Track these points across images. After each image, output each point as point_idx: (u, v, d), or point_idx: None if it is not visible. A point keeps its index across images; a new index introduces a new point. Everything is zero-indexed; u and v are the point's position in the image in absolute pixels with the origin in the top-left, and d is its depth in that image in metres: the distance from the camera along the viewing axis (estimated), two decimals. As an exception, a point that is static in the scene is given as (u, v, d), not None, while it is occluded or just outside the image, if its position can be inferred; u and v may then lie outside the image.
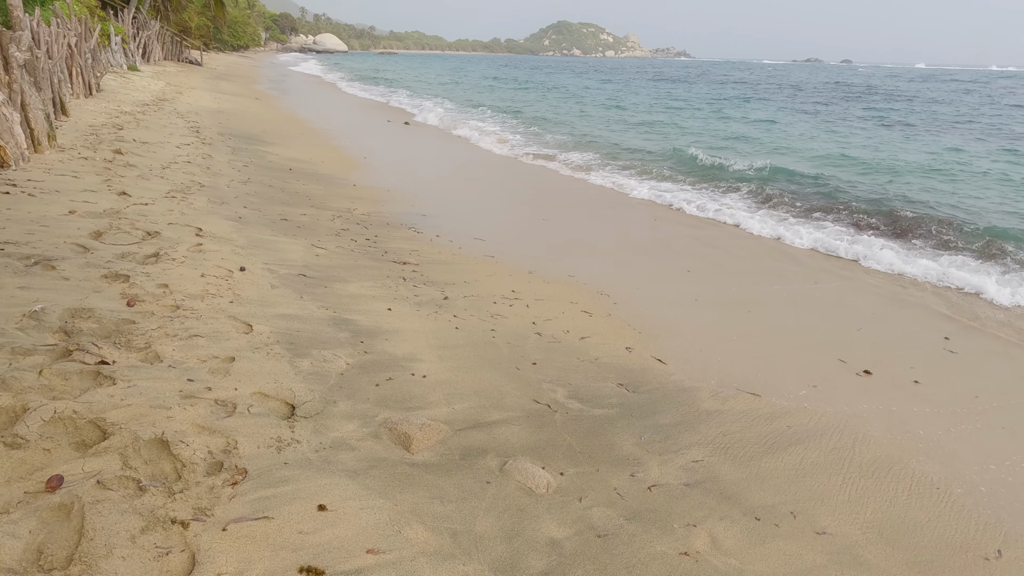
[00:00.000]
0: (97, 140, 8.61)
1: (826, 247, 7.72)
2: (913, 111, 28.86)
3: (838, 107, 30.86)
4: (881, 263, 7.18)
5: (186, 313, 3.67)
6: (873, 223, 8.85)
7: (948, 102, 34.70)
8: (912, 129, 22.04)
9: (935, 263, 7.13)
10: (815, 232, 8.19)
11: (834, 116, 26.25)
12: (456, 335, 4.28)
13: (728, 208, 9.38)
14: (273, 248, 5.47)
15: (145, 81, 19.88)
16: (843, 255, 7.48)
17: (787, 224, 8.70)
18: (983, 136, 19.98)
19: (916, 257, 7.32)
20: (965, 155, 15.64)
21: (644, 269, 6.79)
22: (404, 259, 5.94)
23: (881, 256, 7.30)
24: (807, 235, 8.05)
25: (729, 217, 8.97)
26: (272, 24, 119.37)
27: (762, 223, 8.64)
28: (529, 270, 6.23)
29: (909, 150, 16.81)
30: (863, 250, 7.51)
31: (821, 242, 7.84)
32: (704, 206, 9.49)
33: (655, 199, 10.21)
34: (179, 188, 6.84)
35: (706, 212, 9.24)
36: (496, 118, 21.60)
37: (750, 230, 8.52)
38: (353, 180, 9.82)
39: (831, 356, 4.93)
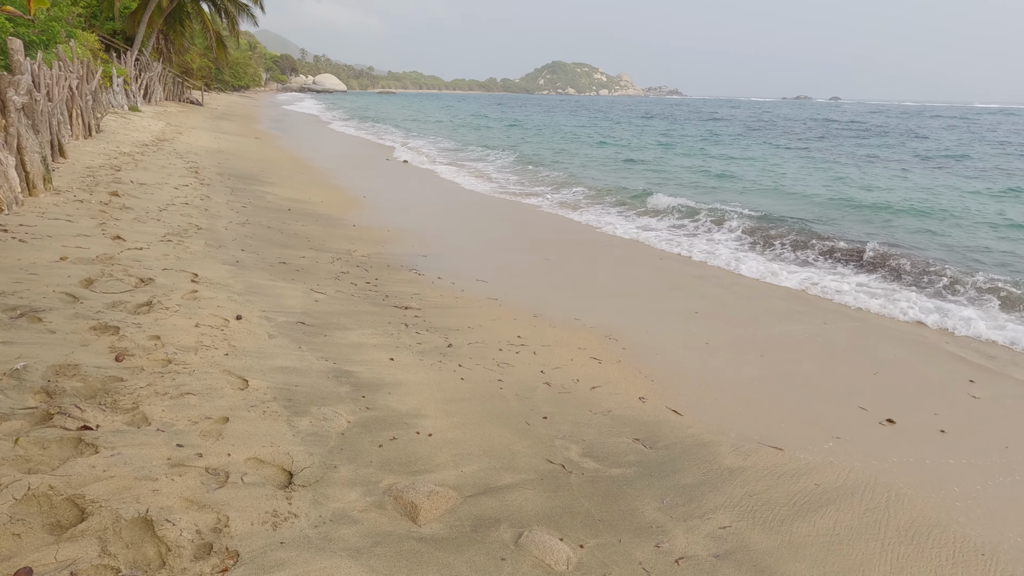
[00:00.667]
0: (94, 182, 8.51)
1: (827, 288, 7.56)
2: (906, 147, 29.25)
3: (828, 143, 31.27)
4: (893, 306, 7.03)
5: (178, 368, 3.47)
6: (872, 263, 8.75)
7: (943, 138, 35.23)
8: (903, 164, 22.27)
9: (940, 303, 6.99)
10: (818, 273, 8.07)
11: (826, 153, 26.56)
12: (462, 387, 4.09)
13: (729, 249, 9.28)
14: (271, 294, 5.30)
15: (145, 121, 20.00)
16: (849, 301, 7.33)
17: (785, 263, 8.59)
18: (979, 173, 20.16)
19: (925, 299, 7.18)
20: (959, 192, 15.70)
21: (650, 311, 6.63)
22: (406, 304, 5.77)
23: (893, 299, 7.16)
24: (811, 276, 7.92)
25: (731, 258, 8.86)
26: (273, 65, 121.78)
27: (763, 264, 8.52)
28: (534, 313, 6.06)
29: (904, 188, 16.90)
30: (869, 297, 7.37)
31: (823, 283, 7.70)
32: (704, 248, 9.39)
33: (652, 239, 10.12)
34: (175, 231, 6.71)
35: (707, 254, 9.13)
36: (491, 156, 21.73)
37: (750, 271, 8.39)
38: (352, 220, 9.72)
39: (851, 403, 4.73)
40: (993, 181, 18.06)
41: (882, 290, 7.47)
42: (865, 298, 7.17)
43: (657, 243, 9.75)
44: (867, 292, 7.37)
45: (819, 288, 7.53)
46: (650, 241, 9.89)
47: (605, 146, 27.71)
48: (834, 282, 7.68)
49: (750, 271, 8.23)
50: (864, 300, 7.10)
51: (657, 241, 9.85)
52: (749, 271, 8.24)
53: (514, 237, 9.93)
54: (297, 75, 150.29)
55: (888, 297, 7.19)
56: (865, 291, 7.41)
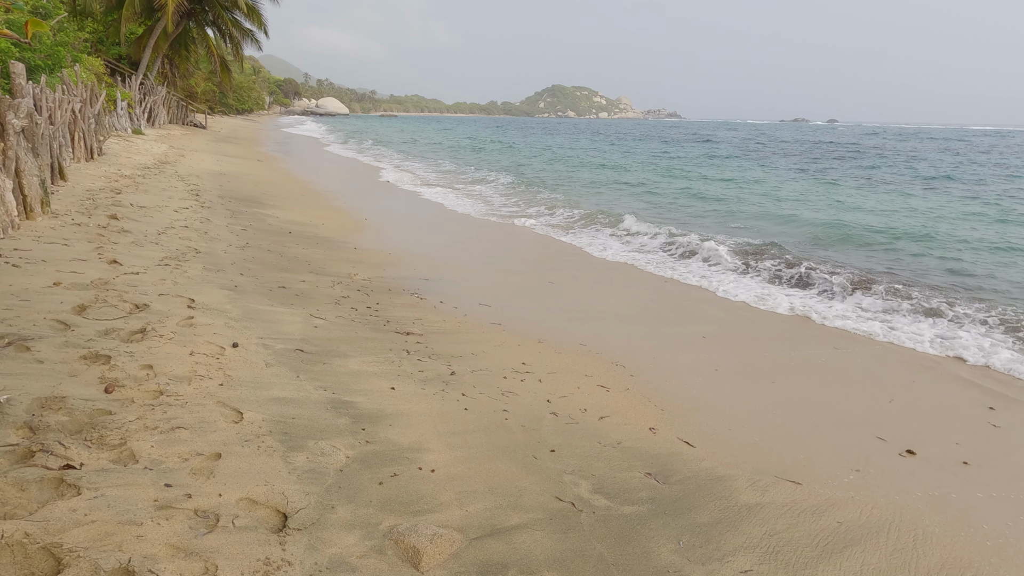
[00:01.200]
0: (93, 205, 8.44)
1: (832, 313, 7.41)
2: (903, 168, 29.31)
3: (824, 164, 31.38)
4: (900, 331, 6.88)
5: (170, 400, 3.33)
6: (875, 287, 8.62)
7: (942, 160, 35.35)
8: (900, 186, 22.26)
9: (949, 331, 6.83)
10: (820, 297, 7.93)
11: (822, 174, 26.61)
12: (465, 418, 3.93)
13: (725, 272, 9.16)
14: (269, 320, 5.16)
15: (148, 144, 20.06)
16: (855, 327, 7.18)
17: (785, 286, 8.46)
18: (978, 194, 20.11)
19: (931, 325, 7.02)
20: (962, 214, 15.62)
21: (656, 335, 6.49)
22: (407, 329, 5.63)
23: (898, 324, 7.02)
24: (813, 301, 7.79)
25: (729, 281, 8.73)
26: (276, 89, 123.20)
27: (763, 287, 8.39)
28: (539, 339, 5.92)
29: (903, 210, 16.85)
30: (875, 322, 7.23)
31: (827, 307, 7.55)
32: (699, 271, 9.27)
33: (653, 261, 10.01)
34: (174, 255, 6.60)
35: (702, 278, 9.01)
36: (490, 178, 21.75)
37: (751, 295, 8.26)
38: (353, 243, 9.63)
39: (868, 433, 4.57)
40: (995, 203, 18.01)
41: (888, 315, 7.33)
42: (871, 323, 7.03)
43: (656, 267, 9.64)
44: (873, 317, 7.23)
45: (823, 313, 7.39)
46: (649, 264, 9.77)
47: (603, 168, 27.79)
48: (839, 306, 7.53)
49: (750, 295, 8.09)
50: (870, 325, 6.96)
51: (656, 265, 9.73)
52: (749, 295, 8.11)
53: (516, 260, 9.82)
54: (300, 99, 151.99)
55: (894, 322, 7.04)
56: (871, 316, 7.27)
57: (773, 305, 7.64)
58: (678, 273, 9.11)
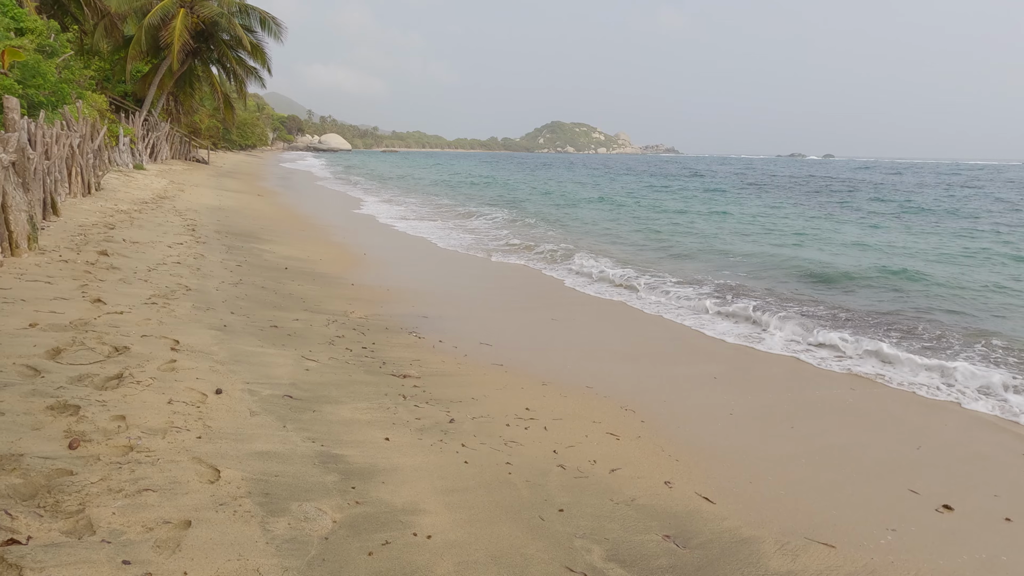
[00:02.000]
0: (84, 240, 8.22)
1: (842, 354, 7.11)
2: (902, 203, 29.33)
3: (822, 199, 31.43)
4: (918, 375, 6.58)
5: (140, 456, 3.02)
6: (884, 327, 8.34)
7: (944, 196, 35.45)
8: (902, 220, 22.18)
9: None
10: (829, 337, 7.63)
11: (818, 209, 26.59)
12: (466, 472, 3.61)
13: (726, 316, 8.89)
14: (258, 362, 4.87)
15: (148, 179, 20.04)
16: (866, 370, 6.87)
17: (787, 325, 8.19)
18: (979, 231, 19.98)
19: (949, 367, 6.71)
20: (966, 251, 15.41)
21: (664, 376, 6.18)
22: (404, 371, 5.34)
23: (908, 363, 6.72)
24: (822, 340, 7.48)
25: (728, 323, 8.46)
26: (280, 125, 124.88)
27: (777, 327, 8.11)
28: (543, 381, 5.62)
29: (904, 246, 16.67)
30: (886, 364, 6.93)
31: (835, 348, 7.25)
32: (696, 311, 9.01)
33: (650, 303, 9.76)
34: (162, 293, 6.34)
35: (700, 317, 8.74)
36: (489, 214, 21.65)
37: (748, 333, 7.97)
38: (351, 279, 9.39)
39: (899, 485, 4.24)
40: (999, 239, 17.85)
41: (900, 356, 7.02)
42: (882, 365, 6.73)
43: (652, 307, 9.37)
44: (884, 359, 6.92)
45: (833, 354, 7.10)
46: (647, 305, 9.51)
47: (601, 203, 27.77)
48: (848, 347, 7.21)
49: (748, 335, 7.80)
50: (881, 368, 6.66)
51: (651, 304, 9.47)
52: (746, 335, 7.82)
53: (516, 296, 9.57)
54: (303, 135, 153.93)
55: (909, 363, 6.73)
56: (882, 357, 6.95)
57: (770, 345, 7.36)
58: (672, 313, 8.82)
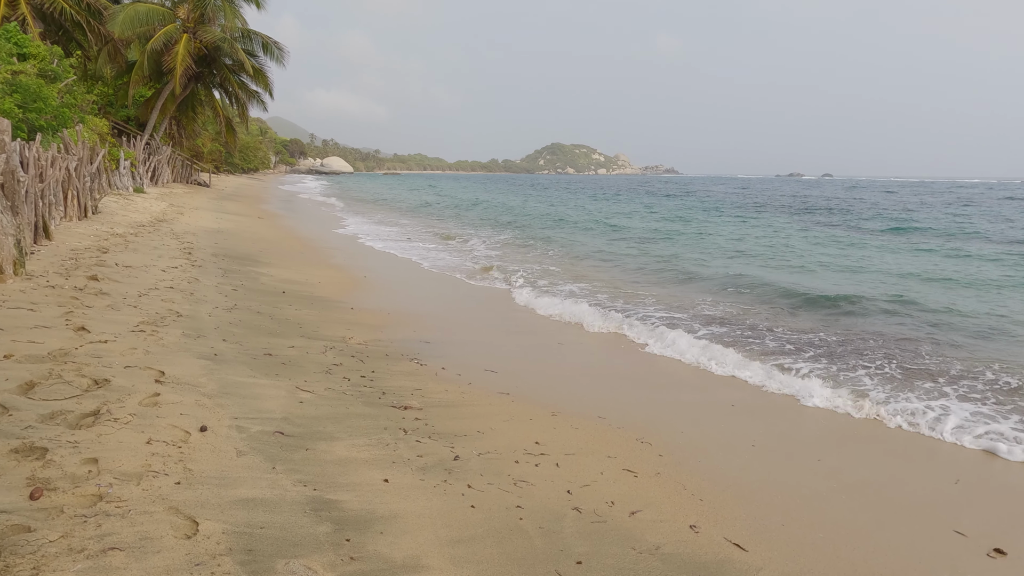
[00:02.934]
0: (75, 265, 7.96)
1: (856, 380, 6.77)
2: (911, 221, 29.09)
3: (827, 217, 31.23)
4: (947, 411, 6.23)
5: (109, 507, 2.70)
6: (899, 354, 8.00)
7: (960, 214, 35.22)
8: (910, 239, 21.91)
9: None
10: (841, 365, 7.30)
11: (822, 228, 26.36)
12: (472, 518, 3.28)
13: (731, 347, 8.58)
14: (249, 394, 4.56)
15: (148, 203, 19.89)
16: (880, 415, 6.53)
17: (796, 354, 7.86)
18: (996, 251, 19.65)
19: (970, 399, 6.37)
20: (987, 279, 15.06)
21: (679, 404, 5.86)
22: (405, 402, 5.02)
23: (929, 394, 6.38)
24: (835, 369, 7.16)
25: (733, 356, 8.13)
26: (282, 148, 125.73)
27: (768, 353, 7.79)
28: (552, 411, 5.29)
29: (914, 266, 16.38)
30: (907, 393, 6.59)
31: (850, 376, 6.92)
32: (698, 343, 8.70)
33: (651, 336, 9.45)
34: (151, 319, 6.05)
35: (709, 350, 8.42)
36: (491, 236, 21.43)
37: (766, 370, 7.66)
38: (350, 303, 9.11)
39: (943, 525, 3.90)
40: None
41: (918, 386, 6.67)
42: (904, 396, 6.39)
43: (653, 338, 9.07)
44: (898, 387, 6.58)
45: (851, 379, 6.77)
46: (652, 338, 9.20)
47: (597, 227, 27.51)
48: (863, 376, 6.86)
49: (755, 367, 7.48)
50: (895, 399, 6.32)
51: (650, 336, 9.17)
52: (755, 367, 7.49)
53: (520, 320, 9.27)
54: (306, 158, 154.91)
55: (926, 392, 6.37)
56: (900, 385, 6.61)
57: (780, 384, 7.03)
58: (675, 349, 8.51)
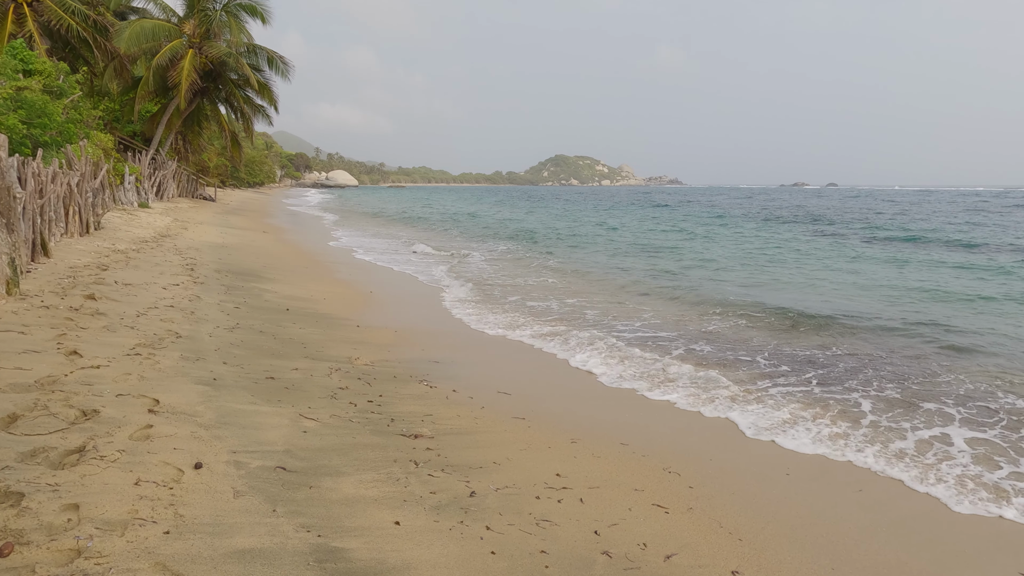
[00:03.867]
0: (72, 283, 7.71)
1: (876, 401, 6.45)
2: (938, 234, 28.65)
3: (837, 227, 30.84)
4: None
5: (88, 564, 2.40)
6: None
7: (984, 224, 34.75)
8: (931, 253, 21.48)
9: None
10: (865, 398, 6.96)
11: (834, 241, 25.97)
12: (494, 568, 2.96)
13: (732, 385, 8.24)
14: (249, 423, 4.26)
15: (152, 218, 19.73)
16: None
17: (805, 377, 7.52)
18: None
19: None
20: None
21: (705, 427, 5.52)
22: (416, 430, 4.71)
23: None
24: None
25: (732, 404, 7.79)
26: (287, 163, 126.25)
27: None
28: (571, 437, 4.97)
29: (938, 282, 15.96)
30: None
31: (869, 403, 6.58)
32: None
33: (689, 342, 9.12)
34: (149, 341, 5.78)
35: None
36: (499, 248, 21.17)
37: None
38: (357, 320, 8.82)
39: (1010, 564, 3.56)
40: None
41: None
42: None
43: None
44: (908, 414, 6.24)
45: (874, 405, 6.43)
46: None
47: (594, 243, 27.28)
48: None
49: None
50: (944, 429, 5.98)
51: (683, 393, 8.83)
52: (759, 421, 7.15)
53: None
54: (311, 172, 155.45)
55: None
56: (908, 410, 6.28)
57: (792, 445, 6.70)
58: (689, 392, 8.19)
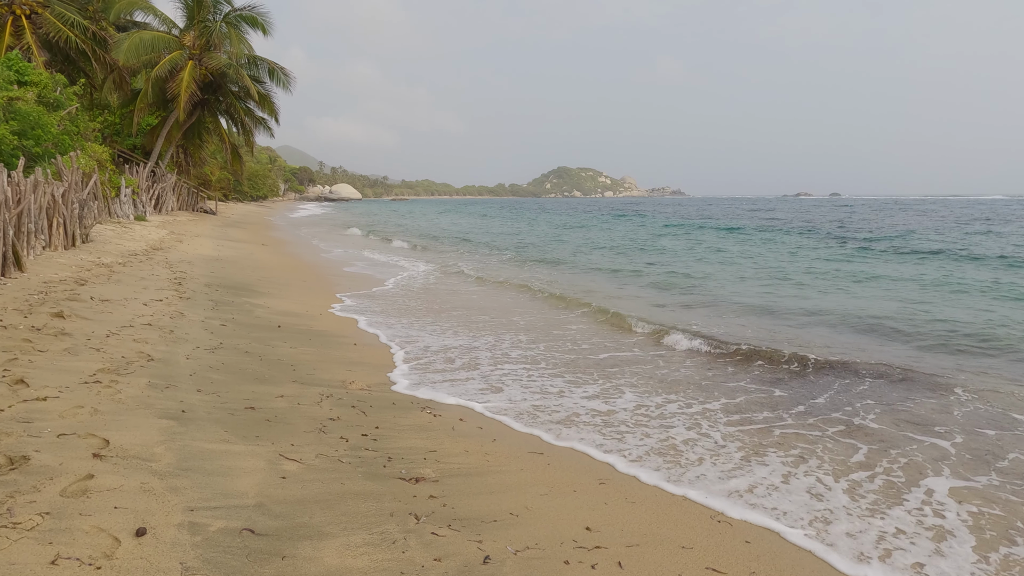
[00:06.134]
0: (41, 300, 7.04)
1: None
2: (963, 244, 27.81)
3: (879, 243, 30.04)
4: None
5: None
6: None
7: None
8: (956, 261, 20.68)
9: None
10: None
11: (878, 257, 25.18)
12: None
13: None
14: (216, 469, 3.55)
15: (147, 230, 19.14)
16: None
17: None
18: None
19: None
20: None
21: (749, 453, 4.77)
22: (416, 473, 3.98)
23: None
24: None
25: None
26: (291, 176, 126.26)
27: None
28: (599, 477, 4.24)
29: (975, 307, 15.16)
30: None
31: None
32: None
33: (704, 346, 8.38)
34: (114, 366, 5.08)
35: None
36: (502, 257, 20.53)
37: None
38: (354, 337, 8.12)
39: None
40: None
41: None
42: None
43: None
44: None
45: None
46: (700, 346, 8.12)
47: (593, 257, 26.60)
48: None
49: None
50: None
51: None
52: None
53: (542, 348, 8.21)
54: (315, 185, 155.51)
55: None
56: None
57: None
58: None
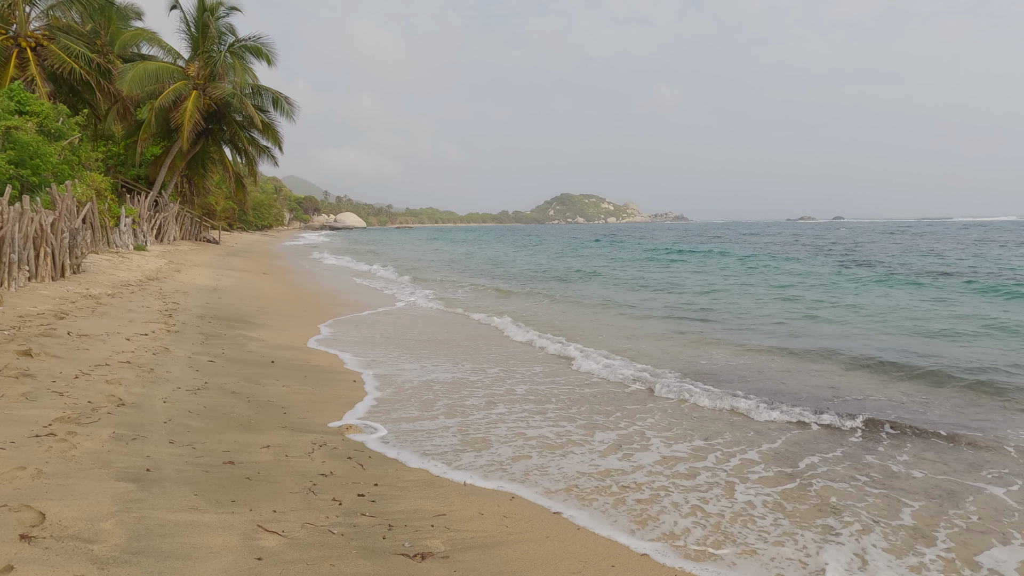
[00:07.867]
0: (10, 337, 6.45)
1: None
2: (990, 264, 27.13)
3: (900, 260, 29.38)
4: None
5: None
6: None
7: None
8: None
9: None
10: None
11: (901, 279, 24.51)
12: None
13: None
14: (174, 551, 2.89)
15: (145, 260, 18.67)
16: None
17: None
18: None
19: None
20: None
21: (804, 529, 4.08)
22: (422, 546, 3.31)
23: None
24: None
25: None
26: (296, 206, 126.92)
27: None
28: (641, 549, 3.55)
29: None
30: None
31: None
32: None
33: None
34: (75, 414, 4.45)
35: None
36: (512, 289, 19.97)
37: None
38: (354, 372, 7.48)
39: None
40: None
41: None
42: None
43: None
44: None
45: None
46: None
47: (594, 279, 26.01)
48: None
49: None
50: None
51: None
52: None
53: (556, 391, 7.55)
54: (319, 214, 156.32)
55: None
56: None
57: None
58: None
